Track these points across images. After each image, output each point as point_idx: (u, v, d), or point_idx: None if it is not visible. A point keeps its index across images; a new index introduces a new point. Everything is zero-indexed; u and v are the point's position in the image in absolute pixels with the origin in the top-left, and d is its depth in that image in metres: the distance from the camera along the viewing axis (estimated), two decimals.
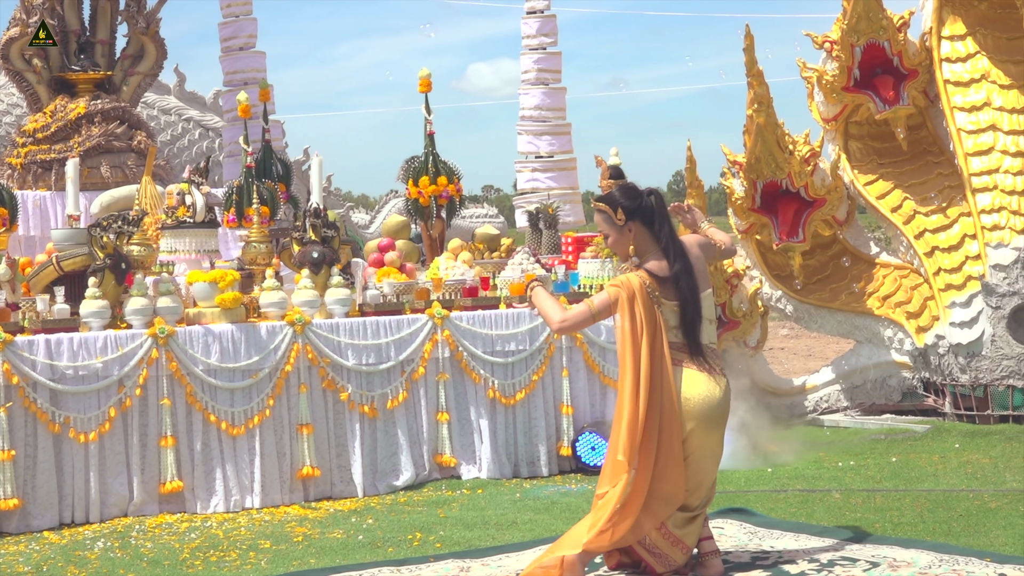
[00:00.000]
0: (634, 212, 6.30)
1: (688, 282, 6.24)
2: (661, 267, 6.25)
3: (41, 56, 14.27)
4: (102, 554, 7.56)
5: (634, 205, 6.33)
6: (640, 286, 6.17)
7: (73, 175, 10.63)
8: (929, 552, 6.49)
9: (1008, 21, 11.62)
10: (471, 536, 7.61)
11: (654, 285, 6.19)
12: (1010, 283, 10.96)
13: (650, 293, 6.18)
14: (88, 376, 8.53)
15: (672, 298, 6.22)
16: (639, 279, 6.19)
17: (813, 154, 11.61)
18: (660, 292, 6.21)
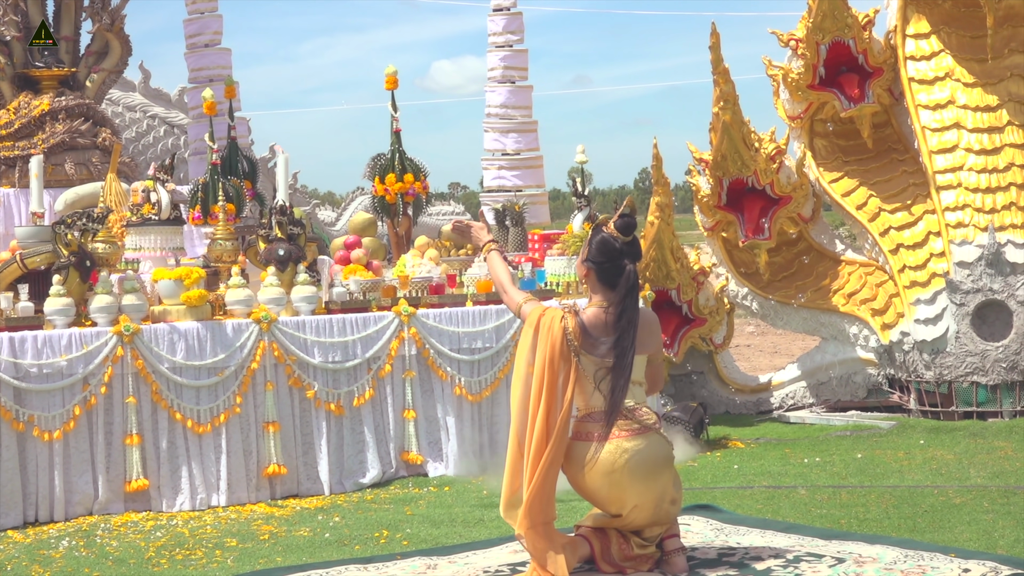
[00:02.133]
0: (596, 265, 6.30)
1: (627, 349, 6.14)
2: (598, 319, 6.19)
3: (4, 52, 14.20)
4: (67, 553, 7.53)
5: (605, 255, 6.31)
6: (560, 330, 6.11)
7: (37, 172, 10.59)
8: (894, 548, 6.52)
9: (972, 20, 11.68)
10: (438, 534, 7.61)
11: (576, 334, 6.12)
12: (974, 280, 11.02)
13: (569, 341, 6.12)
14: (52, 374, 8.50)
15: (597, 353, 6.15)
16: (561, 324, 6.13)
17: (779, 152, 11.65)
18: (581, 343, 6.13)
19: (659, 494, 6.18)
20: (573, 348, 6.10)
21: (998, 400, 11.02)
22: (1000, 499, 7.80)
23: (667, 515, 6.24)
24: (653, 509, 6.19)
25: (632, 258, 6.28)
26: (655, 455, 6.18)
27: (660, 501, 6.20)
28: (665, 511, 6.23)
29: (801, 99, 11.88)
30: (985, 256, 10.99)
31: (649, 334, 6.33)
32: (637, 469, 6.11)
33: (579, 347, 6.10)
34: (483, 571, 6.50)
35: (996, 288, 11.00)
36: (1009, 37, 11.63)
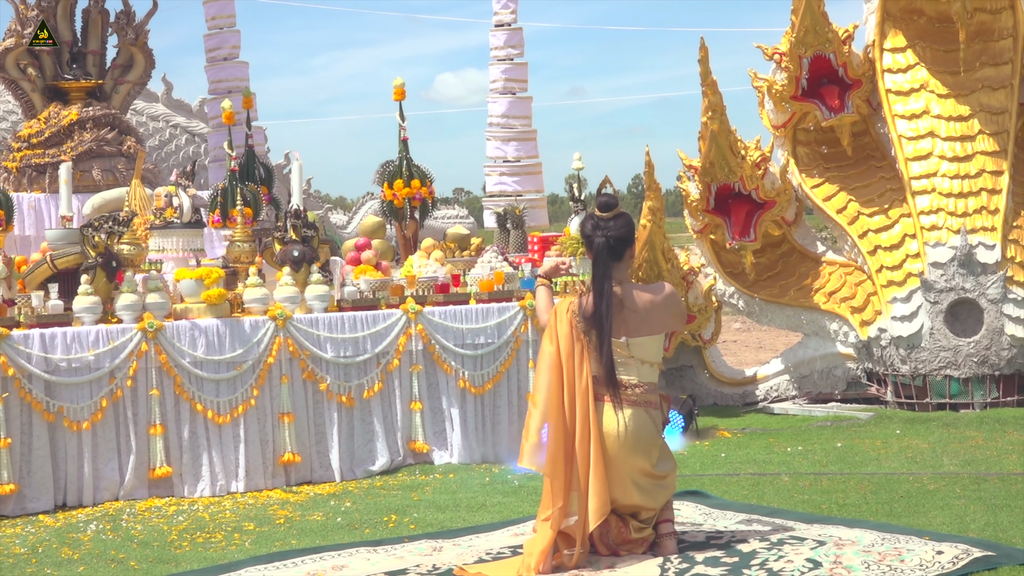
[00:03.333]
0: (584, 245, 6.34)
1: (603, 325, 6.16)
2: (588, 303, 6.21)
3: (35, 66, 14.21)
4: (95, 536, 7.53)
5: (583, 235, 6.36)
6: (567, 311, 6.22)
7: (66, 178, 10.60)
8: (872, 531, 6.53)
9: (945, 35, 11.68)
10: (443, 518, 7.62)
11: (577, 315, 6.20)
12: (947, 280, 11.03)
13: (575, 323, 6.19)
14: (81, 368, 8.50)
15: (589, 335, 6.19)
16: (568, 306, 6.24)
17: (763, 159, 11.65)
18: (582, 326, 6.19)
19: (636, 468, 6.18)
20: (579, 327, 6.16)
21: (969, 392, 11.03)
22: (971, 485, 7.81)
23: (657, 495, 6.23)
24: (632, 484, 6.17)
25: (605, 232, 6.25)
26: (635, 429, 6.18)
27: (639, 475, 6.18)
28: (652, 489, 6.22)
29: (784, 109, 11.88)
30: (958, 257, 11.00)
31: (642, 314, 6.24)
32: (620, 437, 6.16)
33: (582, 326, 6.16)
34: (485, 553, 6.51)
35: (968, 287, 11.01)
36: (980, 51, 11.64)
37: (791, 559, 6.04)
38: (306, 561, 6.53)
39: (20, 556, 7.12)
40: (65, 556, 7.06)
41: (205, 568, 6.53)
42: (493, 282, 10.01)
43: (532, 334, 9.83)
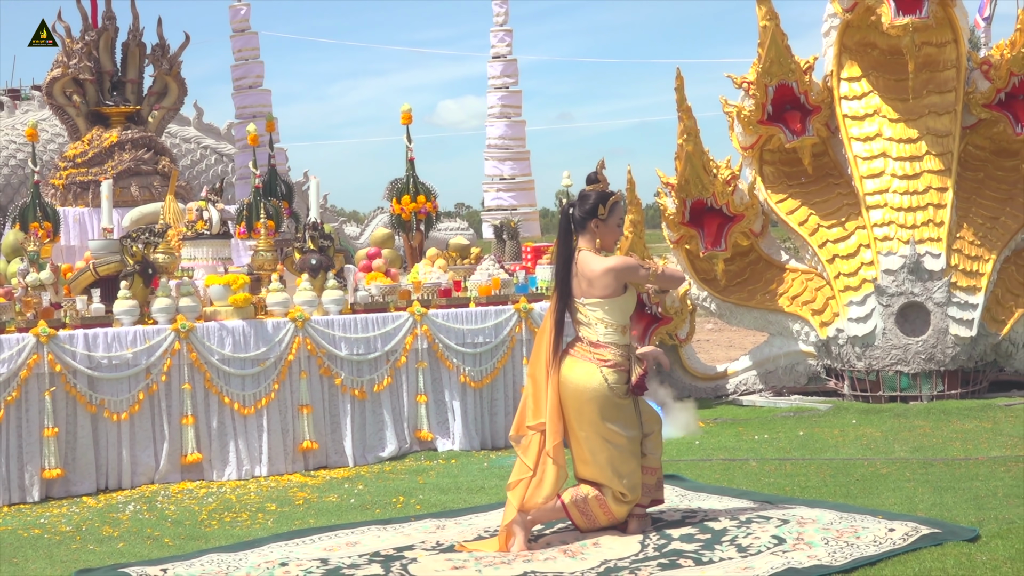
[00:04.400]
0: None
1: (556, 284, 6.32)
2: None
3: (80, 93, 14.21)
4: (133, 516, 7.53)
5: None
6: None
7: (107, 194, 10.59)
8: (831, 511, 6.53)
9: (896, 66, 11.70)
10: (446, 499, 7.62)
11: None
12: (898, 285, 11.04)
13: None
14: (120, 365, 8.51)
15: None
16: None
17: (733, 177, 11.66)
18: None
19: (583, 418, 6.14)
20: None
21: (918, 386, 11.03)
22: (920, 469, 7.81)
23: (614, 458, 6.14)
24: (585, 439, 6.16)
25: (573, 204, 6.33)
26: (577, 377, 6.15)
27: (589, 428, 6.13)
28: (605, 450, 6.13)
29: (752, 132, 11.89)
30: (907, 265, 11.01)
31: (588, 280, 6.21)
32: (566, 383, 6.18)
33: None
34: (484, 531, 6.51)
35: (916, 292, 11.02)
36: (927, 80, 11.65)
37: (758, 536, 6.04)
38: (323, 538, 6.53)
39: (66, 533, 7.12)
40: (106, 534, 7.06)
41: (232, 544, 6.53)
42: (491, 287, 10.02)
43: (526, 334, 9.83)
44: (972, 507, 6.55)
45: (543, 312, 9.85)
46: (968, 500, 6.75)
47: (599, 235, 6.25)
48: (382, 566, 5.84)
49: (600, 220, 6.24)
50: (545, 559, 5.87)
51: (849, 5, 11.48)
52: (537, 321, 9.86)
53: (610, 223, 6.25)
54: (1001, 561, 5.36)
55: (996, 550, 5.54)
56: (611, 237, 6.31)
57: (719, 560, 5.67)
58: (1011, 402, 10.62)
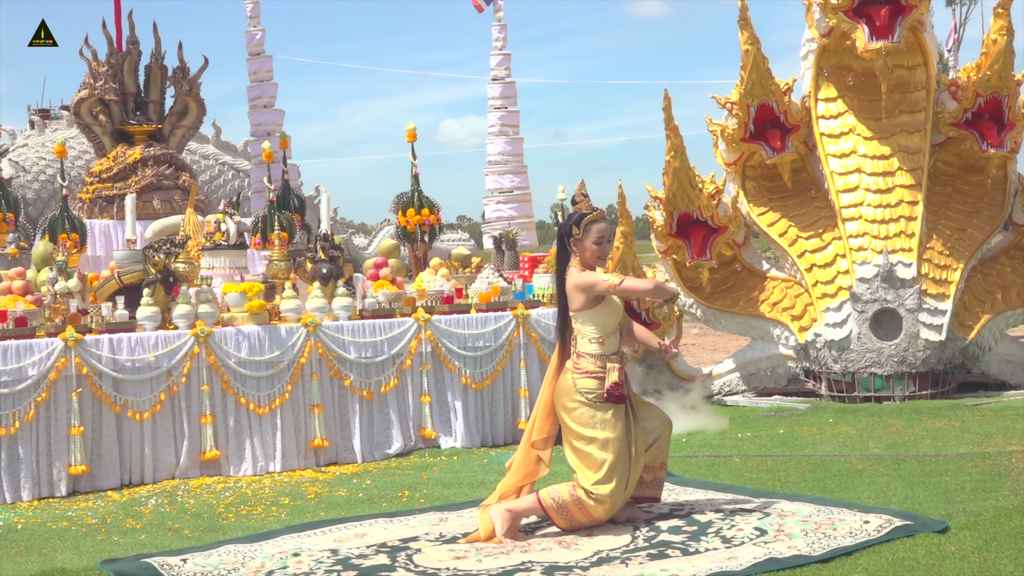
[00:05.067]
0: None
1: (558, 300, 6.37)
2: None
3: (105, 113, 14.24)
4: (154, 509, 7.53)
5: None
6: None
7: (131, 207, 10.61)
8: (809, 504, 6.53)
9: (870, 87, 11.71)
10: (448, 493, 7.61)
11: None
12: (872, 292, 11.05)
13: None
14: (143, 367, 8.50)
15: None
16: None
17: (717, 191, 11.68)
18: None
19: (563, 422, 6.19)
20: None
21: (891, 387, 11.03)
22: (893, 465, 7.81)
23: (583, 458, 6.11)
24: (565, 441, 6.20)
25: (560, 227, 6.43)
26: (559, 385, 6.23)
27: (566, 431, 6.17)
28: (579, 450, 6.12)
29: (735, 149, 11.90)
30: (880, 273, 11.02)
31: (568, 294, 6.24)
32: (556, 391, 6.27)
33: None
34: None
35: (889, 299, 11.03)
36: (899, 101, 11.67)
37: (741, 527, 6.04)
38: (333, 530, 6.52)
39: (92, 526, 7.11)
40: (129, 526, 7.05)
41: (248, 536, 6.52)
42: (490, 295, 10.01)
43: (524, 338, 9.84)
44: (942, 500, 6.55)
45: (540, 318, 9.90)
46: (938, 494, 6.74)
47: (578, 253, 6.26)
48: (388, 556, 5.84)
49: (576, 240, 6.24)
50: (541, 549, 5.86)
51: (826, 30, 11.49)
52: (534, 326, 9.87)
53: (585, 242, 6.23)
54: (969, 551, 5.36)
55: (964, 541, 5.55)
56: (588, 255, 6.25)
57: (705, 551, 5.67)
58: (978, 402, 10.62)
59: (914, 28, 11.31)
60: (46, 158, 20.70)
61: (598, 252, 6.25)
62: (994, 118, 11.51)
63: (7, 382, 8.10)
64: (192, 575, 5.67)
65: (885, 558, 5.35)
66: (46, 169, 20.55)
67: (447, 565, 5.63)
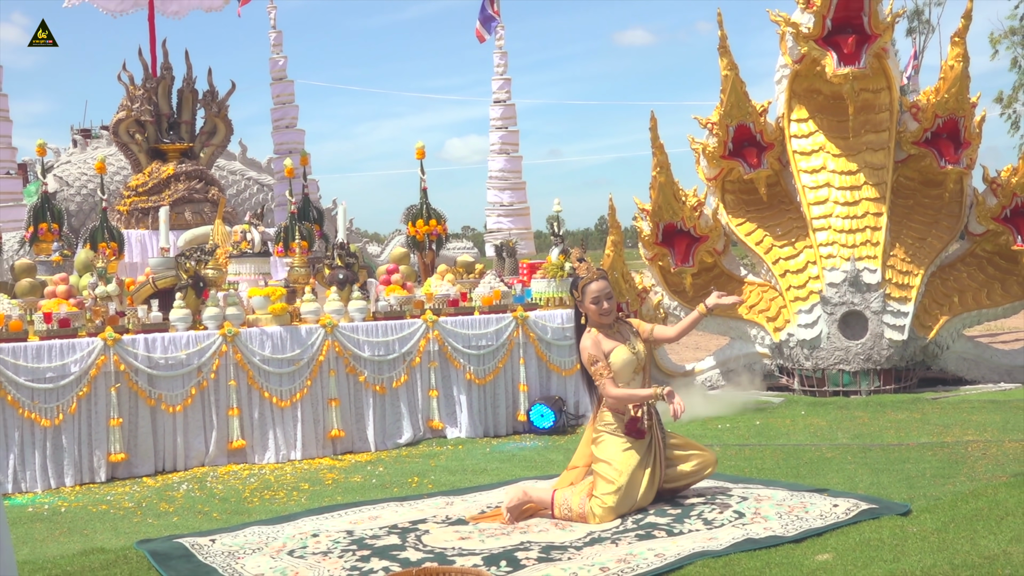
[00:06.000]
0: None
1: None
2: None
3: (141, 132, 14.24)
4: (186, 494, 7.52)
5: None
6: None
7: (165, 219, 10.60)
8: (784, 489, 6.52)
9: (838, 109, 11.72)
10: (454, 479, 7.61)
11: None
12: (840, 296, 11.04)
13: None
14: (175, 364, 8.50)
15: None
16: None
17: (699, 203, 11.67)
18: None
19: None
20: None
21: (858, 382, 11.03)
22: (859, 454, 7.81)
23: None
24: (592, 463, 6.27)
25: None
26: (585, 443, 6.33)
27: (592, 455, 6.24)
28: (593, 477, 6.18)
29: (715, 166, 11.91)
30: (848, 279, 11.02)
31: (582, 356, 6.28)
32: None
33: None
34: (486, 506, 6.50)
35: (856, 302, 11.02)
36: (864, 121, 11.67)
37: (721, 511, 6.03)
38: (348, 512, 6.52)
39: (128, 509, 7.11)
40: (163, 509, 7.05)
41: (271, 518, 6.52)
42: (492, 298, 10.01)
43: (523, 338, 9.83)
44: (904, 486, 6.54)
45: (538, 319, 9.90)
46: (901, 480, 6.74)
47: (584, 313, 6.27)
48: (399, 536, 5.83)
49: (579, 302, 6.28)
50: (539, 531, 5.86)
51: (798, 57, 11.50)
52: (532, 327, 9.86)
53: (585, 303, 6.26)
54: (929, 532, 5.35)
55: (925, 522, 5.54)
56: (591, 314, 6.26)
57: (688, 532, 5.66)
58: (937, 396, 10.62)
59: (878, 55, 11.32)
60: (87, 174, 20.69)
61: (597, 311, 6.22)
62: (951, 137, 11.52)
63: (52, 378, 8.10)
64: (220, 554, 5.66)
65: (852, 538, 5.35)
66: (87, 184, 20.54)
67: (453, 544, 5.63)
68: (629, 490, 6.05)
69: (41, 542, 6.27)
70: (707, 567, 5.01)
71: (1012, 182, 11.43)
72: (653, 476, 6.17)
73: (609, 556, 5.26)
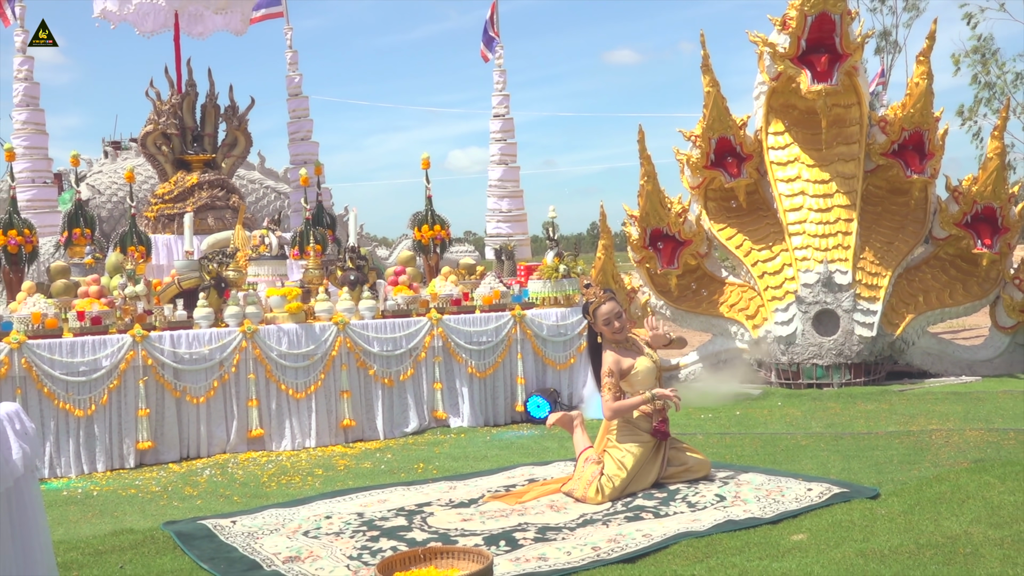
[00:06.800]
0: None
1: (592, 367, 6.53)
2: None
3: (167, 144, 14.21)
4: (209, 479, 7.52)
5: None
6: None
7: (189, 224, 10.59)
8: (762, 474, 6.53)
9: (811, 123, 11.73)
10: (456, 465, 7.61)
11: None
12: (814, 296, 11.05)
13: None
14: (199, 359, 8.50)
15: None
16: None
17: (684, 210, 11.68)
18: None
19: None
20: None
21: (830, 376, 11.03)
22: (831, 441, 7.81)
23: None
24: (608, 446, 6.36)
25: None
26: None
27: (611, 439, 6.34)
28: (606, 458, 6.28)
29: (698, 175, 11.91)
30: (821, 280, 11.02)
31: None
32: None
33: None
34: (487, 490, 6.50)
35: (828, 301, 11.03)
36: (836, 134, 11.68)
37: (704, 494, 6.03)
38: (359, 496, 6.52)
39: (155, 493, 7.10)
40: (187, 493, 7.04)
41: (287, 501, 6.51)
42: (492, 297, 10.01)
43: (520, 334, 9.83)
44: (873, 471, 6.54)
45: (534, 317, 9.89)
46: (870, 466, 6.74)
47: (597, 331, 6.38)
48: (406, 518, 5.83)
49: (592, 322, 6.40)
50: (536, 513, 5.86)
51: (775, 75, 11.50)
52: (529, 324, 9.86)
53: (598, 324, 6.37)
54: (896, 514, 5.36)
55: (892, 505, 5.54)
56: (604, 332, 6.38)
57: (673, 514, 5.66)
58: (904, 388, 10.62)
59: (849, 73, 11.32)
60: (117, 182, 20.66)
61: (609, 331, 6.35)
62: (917, 149, 11.53)
63: (84, 371, 8.10)
64: (240, 534, 5.66)
65: (825, 520, 5.35)
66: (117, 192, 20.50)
67: (455, 526, 5.62)
68: (635, 478, 6.18)
69: (75, 523, 6.27)
70: (691, 546, 5.01)
71: (972, 190, 11.44)
72: (655, 471, 6.29)
73: (600, 536, 5.27)
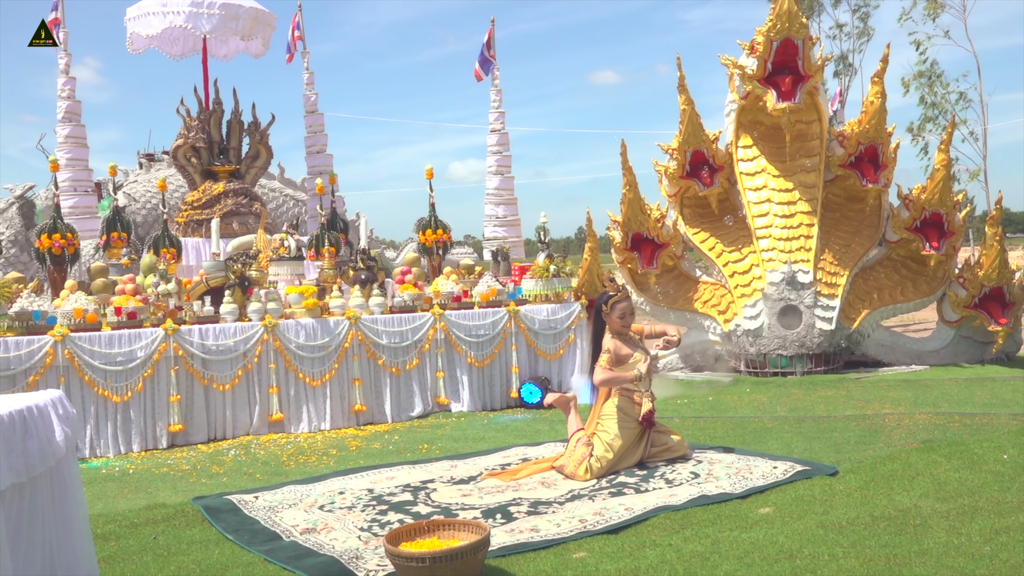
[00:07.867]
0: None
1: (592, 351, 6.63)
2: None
3: (196, 156, 14.18)
4: (234, 458, 7.51)
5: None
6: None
7: (216, 229, 10.57)
8: (732, 454, 6.53)
9: (777, 136, 11.73)
10: (457, 446, 7.60)
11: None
12: (779, 293, 11.05)
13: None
14: (224, 350, 8.48)
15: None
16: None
17: (662, 216, 11.68)
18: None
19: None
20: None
21: (793, 365, 11.04)
22: (795, 424, 7.82)
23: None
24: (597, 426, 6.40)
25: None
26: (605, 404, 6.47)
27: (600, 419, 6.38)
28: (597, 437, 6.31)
29: (675, 184, 11.91)
30: (785, 279, 11.03)
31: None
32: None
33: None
34: (484, 468, 6.50)
35: (792, 298, 11.03)
36: (799, 147, 11.68)
37: (680, 472, 6.04)
38: (369, 474, 6.51)
39: (185, 471, 7.09)
40: (215, 471, 7.03)
41: (305, 479, 6.51)
42: (489, 295, 10.00)
43: (515, 328, 9.82)
44: (832, 451, 6.55)
45: (528, 312, 9.89)
46: (830, 446, 6.75)
47: (607, 321, 6.49)
48: (412, 494, 5.83)
49: (606, 314, 6.48)
50: (529, 489, 5.86)
51: (743, 94, 11.50)
52: (523, 319, 9.85)
53: (612, 316, 6.47)
54: (853, 489, 5.36)
55: (850, 481, 5.55)
56: (614, 324, 6.48)
57: (652, 490, 5.67)
58: (860, 376, 10.63)
59: (811, 92, 11.33)
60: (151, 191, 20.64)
61: (621, 323, 6.49)
62: (871, 161, 11.53)
63: (121, 361, 8.08)
64: (262, 508, 5.66)
65: (789, 495, 5.36)
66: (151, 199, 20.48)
67: (456, 500, 5.62)
68: (620, 459, 6.20)
69: (112, 498, 6.26)
70: (668, 519, 5.01)
71: (921, 198, 11.45)
72: (640, 452, 6.31)
73: (587, 510, 5.27)
